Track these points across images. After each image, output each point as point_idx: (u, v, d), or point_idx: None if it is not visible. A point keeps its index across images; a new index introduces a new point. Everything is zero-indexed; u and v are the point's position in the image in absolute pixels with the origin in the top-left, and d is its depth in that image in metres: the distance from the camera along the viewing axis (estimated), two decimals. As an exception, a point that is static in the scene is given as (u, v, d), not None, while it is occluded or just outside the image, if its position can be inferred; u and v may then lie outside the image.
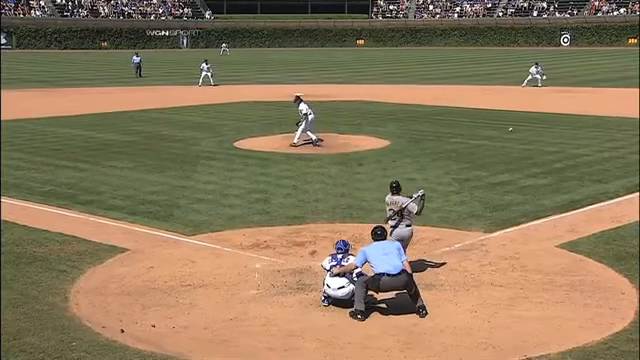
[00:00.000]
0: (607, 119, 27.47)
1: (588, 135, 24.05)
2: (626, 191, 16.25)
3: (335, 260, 10.25)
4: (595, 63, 56.00)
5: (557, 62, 57.52)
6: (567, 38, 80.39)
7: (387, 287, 9.77)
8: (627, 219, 14.02)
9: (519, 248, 12.44)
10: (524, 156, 20.61)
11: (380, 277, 9.69)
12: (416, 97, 35.88)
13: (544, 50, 74.09)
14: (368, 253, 9.95)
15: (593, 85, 39.96)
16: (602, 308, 9.79)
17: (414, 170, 19.01)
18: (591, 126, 25.95)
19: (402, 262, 9.80)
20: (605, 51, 68.60)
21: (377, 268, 9.76)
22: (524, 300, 10.14)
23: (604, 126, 25.83)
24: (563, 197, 15.89)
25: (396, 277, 9.65)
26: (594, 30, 79.07)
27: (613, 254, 11.98)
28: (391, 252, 9.86)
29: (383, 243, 10.07)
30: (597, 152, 21.07)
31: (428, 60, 65.27)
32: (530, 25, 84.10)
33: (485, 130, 25.50)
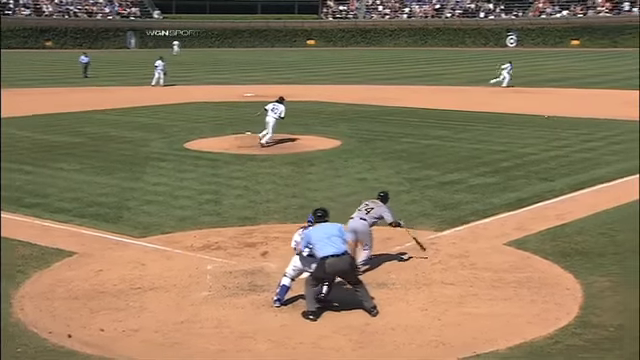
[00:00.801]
0: (557, 119, 28.03)
1: (534, 134, 24.53)
2: (571, 189, 16.62)
3: (303, 234, 10.12)
4: (540, 64, 57.18)
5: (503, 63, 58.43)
6: (513, 39, 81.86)
7: (332, 270, 9.58)
8: (572, 216, 14.33)
9: (469, 246, 12.61)
10: (473, 155, 20.91)
11: (325, 260, 9.56)
12: (367, 97, 36.08)
13: (491, 51, 75.33)
14: (311, 236, 9.79)
15: (538, 85, 40.78)
16: (548, 304, 9.99)
17: (365, 170, 19.11)
18: (537, 125, 26.48)
19: (344, 241, 9.75)
20: (549, 52, 70.11)
21: (320, 252, 9.60)
22: (474, 297, 10.29)
23: (550, 125, 26.38)
24: (511, 195, 16.16)
25: (340, 258, 9.54)
26: (539, 31, 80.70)
27: (558, 251, 12.24)
28: (333, 234, 9.73)
29: (325, 225, 9.92)
30: (543, 151, 21.50)
31: (378, 60, 65.74)
32: (477, 26, 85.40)
33: (435, 130, 25.80)
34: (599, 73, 47.77)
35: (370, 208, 11.55)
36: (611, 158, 20.15)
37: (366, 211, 11.51)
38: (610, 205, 15.11)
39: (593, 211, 14.69)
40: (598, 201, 15.55)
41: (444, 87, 42.00)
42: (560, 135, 24.25)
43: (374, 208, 11.55)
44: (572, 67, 53.08)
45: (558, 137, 23.88)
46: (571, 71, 49.65)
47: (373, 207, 11.57)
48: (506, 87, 39.92)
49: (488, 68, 54.05)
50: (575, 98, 35.42)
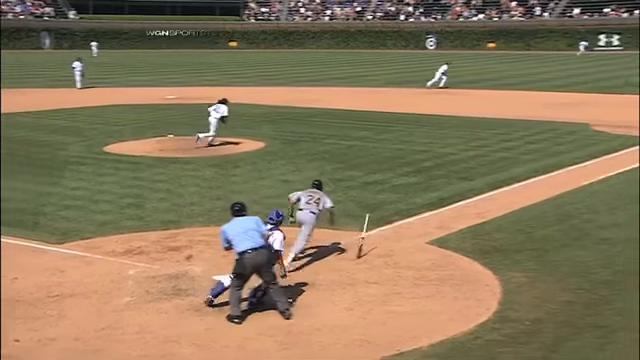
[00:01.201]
0: (471, 119, 28.78)
1: (454, 134, 25.09)
2: (490, 188, 17.07)
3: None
4: (458, 66, 58.53)
5: (423, 65, 59.66)
6: (432, 42, 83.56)
7: (251, 263, 9.46)
8: (491, 214, 14.73)
9: (392, 245, 12.79)
10: (395, 156, 21.22)
11: (243, 255, 9.47)
12: (290, 99, 36.13)
13: (411, 53, 76.71)
14: (227, 231, 9.66)
15: (457, 87, 41.74)
16: (469, 300, 10.24)
17: (289, 171, 19.12)
18: (457, 126, 27.10)
19: (262, 235, 9.68)
20: (467, 54, 71.91)
21: (238, 246, 9.50)
22: (397, 296, 10.44)
23: (469, 126, 27.04)
24: (432, 195, 16.48)
25: (258, 251, 9.48)
26: (457, 34, 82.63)
27: (478, 248, 12.56)
28: (250, 228, 9.63)
29: (242, 219, 9.81)
30: (463, 151, 22.02)
31: (301, 62, 65.92)
32: (398, 29, 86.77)
33: (357, 131, 26.05)
34: (514, 75, 49.29)
35: (317, 199, 11.81)
36: (527, 157, 20.82)
37: (316, 203, 11.77)
38: (526, 203, 15.60)
39: (511, 209, 15.14)
40: (515, 199, 16.04)
41: (366, 88, 42.48)
42: (479, 135, 24.90)
43: (320, 198, 11.86)
44: (489, 69, 54.59)
45: (477, 137, 24.50)
46: (488, 73, 51.06)
47: (319, 197, 11.86)
48: (442, 88, 40.62)
49: (409, 70, 55.10)
50: (492, 99, 36.43)
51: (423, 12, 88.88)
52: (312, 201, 11.82)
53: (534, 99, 35.58)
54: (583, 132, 25.08)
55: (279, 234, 10.20)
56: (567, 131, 25.31)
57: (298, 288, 10.67)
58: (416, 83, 44.13)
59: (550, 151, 21.70)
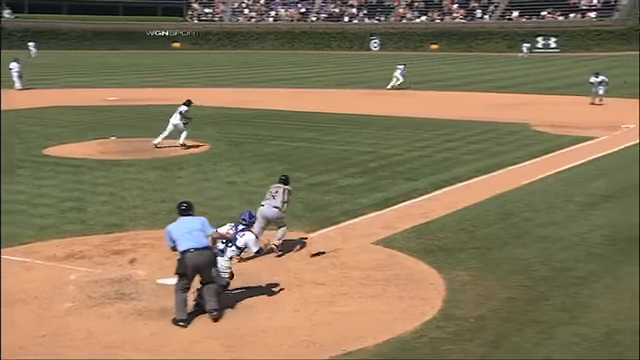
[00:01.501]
0: (415, 120, 29.14)
1: (399, 135, 25.37)
2: (434, 188, 17.34)
3: (234, 229, 10.23)
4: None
5: (367, 66, 60.17)
6: (377, 43, 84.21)
7: (192, 263, 9.44)
8: (435, 214, 14.96)
9: (339, 246, 12.86)
10: (341, 157, 21.34)
11: (184, 254, 9.45)
12: (235, 100, 35.96)
13: (356, 54, 77.22)
14: (172, 231, 9.65)
15: (402, 88, 42.16)
16: (414, 299, 10.38)
17: (235, 173, 19.05)
18: (401, 127, 27.40)
19: (207, 236, 9.69)
20: (411, 55, 72.75)
21: (181, 246, 9.50)
22: (344, 296, 10.51)
23: (412, 127, 27.37)
24: (378, 195, 16.64)
25: (200, 252, 9.45)
26: (400, 36, 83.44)
27: (423, 248, 12.74)
28: (195, 228, 9.63)
29: (187, 219, 9.80)
30: (407, 152, 22.29)
31: (246, 63, 65.68)
32: (342, 30, 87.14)
33: (303, 132, 26.11)
34: (457, 76, 50.09)
35: (275, 192, 12.48)
36: (469, 157, 21.21)
37: (272, 197, 12.40)
38: (469, 202, 15.90)
39: (454, 208, 15.40)
40: (458, 199, 16.32)
41: (311, 90, 42.59)
42: (422, 136, 25.23)
43: (278, 191, 12.51)
44: (432, 70, 55.34)
45: (420, 138, 24.83)
46: (432, 74, 51.76)
47: (277, 190, 12.52)
48: (401, 88, 40.97)
49: (354, 71, 55.43)
50: (436, 100, 36.96)
51: (367, 14, 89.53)
52: (270, 195, 12.45)
53: (476, 100, 36.25)
54: (523, 132, 25.67)
55: (251, 235, 10.34)
56: (508, 131, 25.87)
57: (243, 290, 10.65)
58: (361, 84, 44.45)
59: (491, 151, 22.15)
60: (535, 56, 67.58)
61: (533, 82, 43.77)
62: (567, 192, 16.80)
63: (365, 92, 40.63)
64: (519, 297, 10.44)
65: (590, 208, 15.37)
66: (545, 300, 10.33)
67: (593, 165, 19.84)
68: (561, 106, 32.82)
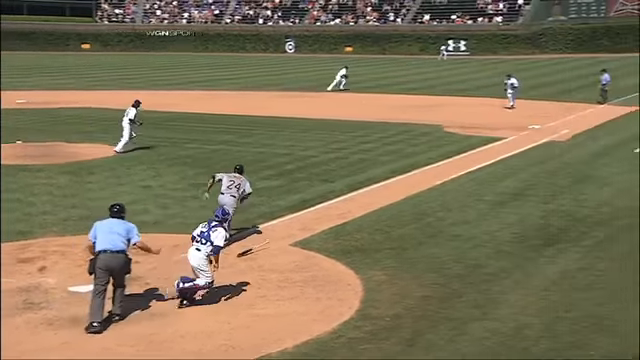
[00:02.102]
0: (331, 122, 29.38)
1: (315, 137, 25.53)
2: (350, 189, 17.53)
3: (207, 227, 10.37)
4: (317, 69, 59.58)
5: (283, 68, 60.29)
6: (292, 45, 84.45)
7: (103, 265, 9.46)
8: (352, 215, 15.14)
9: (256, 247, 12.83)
10: (258, 159, 21.30)
11: (98, 255, 9.52)
12: (149, 103, 35.12)
13: (271, 57, 77.17)
14: (97, 227, 9.76)
15: (316, 90, 42.48)
16: (332, 300, 10.48)
17: (149, 177, 18.72)
18: (317, 129, 27.58)
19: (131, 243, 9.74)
20: (326, 58, 73.30)
21: (98, 246, 9.58)
22: (262, 299, 10.50)
23: (328, 128, 27.59)
24: (295, 197, 16.70)
25: (114, 255, 9.50)
26: (315, 38, 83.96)
27: (340, 249, 12.87)
28: (117, 231, 9.68)
29: (114, 221, 9.87)
30: (323, 153, 22.46)
31: (160, 65, 64.62)
32: (257, 32, 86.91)
33: (220, 135, 25.91)
34: (372, 78, 50.78)
35: (238, 184, 13.22)
36: (385, 158, 21.56)
37: (236, 188, 13.15)
38: (385, 203, 16.17)
39: (370, 209, 15.63)
40: (374, 200, 16.57)
41: (227, 92, 42.29)
42: (338, 138, 25.47)
43: (240, 183, 13.26)
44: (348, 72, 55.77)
45: (336, 140, 25.05)
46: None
47: (239, 182, 13.28)
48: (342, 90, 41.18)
49: (269, 73, 55.38)
50: (351, 102, 37.34)
51: (281, 16, 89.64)
52: (233, 186, 13.20)
53: (390, 102, 36.85)
54: (436, 133, 26.28)
55: (222, 231, 10.42)
56: (421, 132, 26.44)
57: (160, 295, 10.49)
58: (277, 86, 44.49)
59: (406, 152, 22.58)
60: (447, 59, 69.28)
61: (444, 84, 44.86)
62: (478, 191, 17.31)
63: (281, 94, 40.67)
64: (433, 295, 10.69)
65: (500, 207, 15.89)
66: (458, 297, 10.62)
67: (502, 165, 20.52)
68: (471, 107, 33.77)
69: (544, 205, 15.87)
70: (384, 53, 77.62)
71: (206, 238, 10.30)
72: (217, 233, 10.35)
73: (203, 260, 10.24)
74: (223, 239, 10.40)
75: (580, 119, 29.18)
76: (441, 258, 12.38)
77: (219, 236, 10.35)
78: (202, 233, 10.36)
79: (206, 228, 10.42)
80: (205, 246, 10.27)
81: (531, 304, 10.36)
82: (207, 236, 10.31)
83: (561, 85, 41.75)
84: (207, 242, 10.28)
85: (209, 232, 10.34)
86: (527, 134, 25.66)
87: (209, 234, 10.32)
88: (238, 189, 13.15)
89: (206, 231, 10.36)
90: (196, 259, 10.22)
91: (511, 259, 12.34)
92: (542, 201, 16.23)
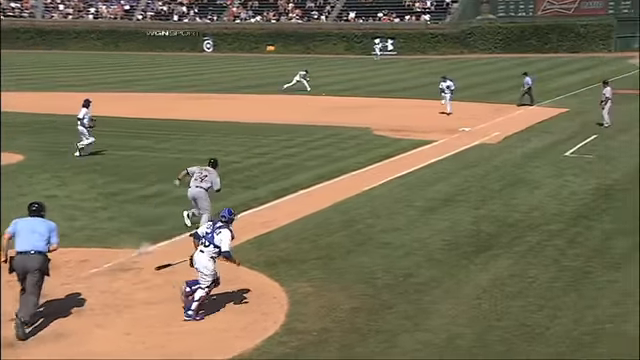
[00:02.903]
0: (253, 125, 29.34)
1: (236, 142, 25.45)
2: (274, 196, 17.57)
3: (211, 229, 10.58)
4: (237, 69, 59.44)
5: (200, 68, 59.83)
6: (210, 44, 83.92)
7: (19, 266, 9.62)
8: (276, 224, 15.17)
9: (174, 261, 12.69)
10: (176, 165, 20.95)
11: (15, 256, 9.64)
12: (52, 106, 34.41)
13: (188, 56, 76.46)
14: (17, 226, 9.86)
15: (236, 92, 42.35)
16: (255, 314, 10.48)
17: (54, 186, 18.28)
18: (239, 133, 27.49)
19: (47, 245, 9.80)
20: (247, 57, 73.18)
21: (16, 245, 9.69)
22: (179, 315, 10.40)
23: (250, 132, 27.54)
24: (216, 205, 16.54)
25: (30, 256, 9.60)
26: (235, 37, 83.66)
27: (265, 260, 12.89)
28: (38, 231, 9.79)
29: (35, 220, 9.98)
30: (245, 159, 22.41)
31: (63, 65, 63.10)
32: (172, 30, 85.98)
33: (133, 140, 25.52)
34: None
35: (204, 175, 14.30)
36: (311, 163, 21.69)
37: (201, 179, 14.26)
38: (311, 210, 16.27)
39: (296, 217, 15.70)
40: (300, 207, 16.65)
41: (139, 94, 41.67)
42: (261, 142, 25.47)
43: (207, 175, 14.34)
44: (270, 73, 55.93)
45: (259, 144, 25.05)
46: (269, 77, 52.31)
47: (207, 174, 14.36)
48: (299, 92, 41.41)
49: (186, 73, 54.85)
50: (274, 104, 37.40)
51: (198, 12, 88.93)
52: (199, 177, 14.38)
53: (316, 103, 37.10)
54: (365, 136, 26.62)
55: (227, 233, 10.55)
56: (349, 136, 26.73)
57: (68, 314, 10.26)
58: (195, 88, 44.12)
59: (333, 156, 22.78)
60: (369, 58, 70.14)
61: (371, 85, 45.46)
62: (408, 197, 17.63)
63: (200, 96, 40.34)
64: (362, 307, 10.83)
65: (430, 212, 16.23)
66: (388, 308, 10.79)
67: (432, 169, 20.96)
68: (400, 109, 34.34)
69: (475, 210, 16.30)
70: (308, 52, 78.05)
71: (210, 240, 10.51)
72: (222, 236, 10.49)
73: (207, 262, 10.46)
74: (229, 242, 10.55)
75: (510, 121, 30.09)
76: (370, 267, 12.54)
77: (225, 239, 10.48)
78: (206, 235, 10.58)
79: (210, 229, 10.61)
80: (209, 248, 10.46)
81: (462, 313, 10.63)
82: (211, 238, 10.52)
83: (490, 86, 42.96)
84: (210, 244, 10.48)
85: (213, 234, 10.53)
86: (458, 137, 26.28)
87: (213, 236, 10.52)
88: (205, 181, 14.30)
89: (210, 232, 10.56)
90: (201, 262, 10.48)
91: (442, 267, 12.62)
92: (473, 206, 16.66)
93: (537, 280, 11.97)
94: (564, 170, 20.40)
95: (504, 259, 13.04)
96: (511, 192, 18.00)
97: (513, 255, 13.25)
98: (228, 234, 10.56)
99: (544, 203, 16.94)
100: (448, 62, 62.18)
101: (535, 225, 15.12)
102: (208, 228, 10.69)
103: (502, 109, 33.16)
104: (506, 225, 15.14)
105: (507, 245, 13.82)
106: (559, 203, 16.90)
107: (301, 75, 42.93)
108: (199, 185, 14.24)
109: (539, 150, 23.63)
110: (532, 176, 19.80)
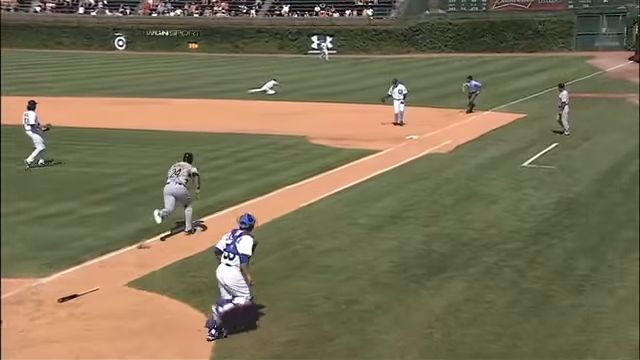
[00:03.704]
0: (175, 134, 29.10)
1: (156, 153, 25.20)
2: (198, 214, 17.39)
3: (231, 238, 11.09)
4: (155, 70, 58.97)
5: (112, 68, 59.14)
6: (122, 41, 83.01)
7: None
8: (201, 246, 15.05)
9: (81, 291, 12.49)
10: (82, 181, 20.77)
11: None
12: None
13: (96, 54, 75.48)
14: None
15: (154, 95, 41.98)
16: (177, 348, 10.38)
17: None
18: (158, 142, 27.23)
19: None
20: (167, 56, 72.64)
21: None
22: (89, 353, 10.23)
23: (172, 142, 27.27)
24: (132, 226, 16.43)
25: None
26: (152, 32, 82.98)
27: (187, 287, 12.79)
28: None
29: None
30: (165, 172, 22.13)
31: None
32: (77, 24, 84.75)
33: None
34: (223, 80, 50.87)
35: (179, 169, 15.89)
36: (241, 177, 21.64)
37: (176, 174, 15.79)
38: (240, 230, 16.18)
39: (223, 238, 15.60)
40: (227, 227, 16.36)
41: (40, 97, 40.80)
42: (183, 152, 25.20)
43: (182, 169, 15.91)
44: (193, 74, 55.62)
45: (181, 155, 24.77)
46: (192, 79, 52.05)
47: (180, 168, 15.96)
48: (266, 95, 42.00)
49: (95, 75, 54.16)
50: (198, 109, 37.19)
51: (108, 4, 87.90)
52: (174, 172, 15.89)
53: (246, 108, 37.05)
54: (301, 146, 26.70)
55: (249, 239, 11.13)
56: (283, 145, 26.76)
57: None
58: (105, 91, 43.58)
59: (266, 169, 22.78)
60: (312, 57, 70.55)
61: (308, 88, 45.66)
62: (351, 214, 17.73)
63: (112, 101, 39.85)
64: (301, 339, 10.83)
65: (376, 231, 16.36)
66: (329, 340, 10.82)
67: (377, 182, 21.14)
68: (340, 115, 34.56)
69: (425, 228, 16.50)
70: (237, 51, 77.97)
71: (233, 251, 11.04)
72: (243, 242, 11.04)
73: (238, 275, 10.93)
74: (251, 247, 11.08)
75: (462, 128, 30.61)
76: (309, 294, 12.56)
77: (246, 244, 11.04)
78: (228, 246, 11.09)
79: (231, 240, 11.14)
80: (234, 260, 10.99)
81: (412, 345, 10.73)
82: (234, 249, 11.05)
83: (440, 89, 43.63)
84: (235, 255, 10.99)
85: (234, 244, 11.06)
86: (405, 145, 26.60)
87: (235, 246, 11.04)
88: (181, 175, 15.83)
89: (231, 243, 11.10)
90: (230, 276, 10.96)
91: (390, 292, 12.72)
92: (423, 224, 16.86)
93: (494, 305, 12.17)
94: (522, 182, 20.83)
95: (458, 282, 13.22)
96: (465, 207, 18.28)
97: (468, 278, 13.45)
98: (250, 240, 11.14)
99: (501, 219, 17.26)
100: (393, 62, 62.97)
101: (492, 244, 15.39)
102: (228, 239, 11.20)
103: (453, 114, 33.71)
104: (460, 244, 15.37)
105: (461, 266, 14.02)
106: (517, 219, 17.24)
107: (269, 86, 43.28)
108: (179, 182, 15.76)
109: (495, 160, 24.09)
110: (487, 189, 20.16)
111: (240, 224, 11.39)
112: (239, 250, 11.03)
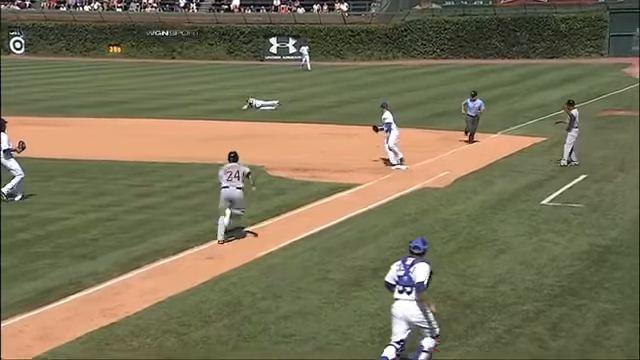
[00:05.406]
0: (91, 163, 28.95)
1: (65, 189, 25.05)
2: (122, 269, 17.36)
3: (403, 268, 12.04)
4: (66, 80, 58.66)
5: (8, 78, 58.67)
6: (20, 42, 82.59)
7: None
8: (125, 310, 14.97)
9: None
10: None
11: None
12: None
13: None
14: None
15: (65, 114, 41.77)
16: None
17: None
18: (67, 175, 27.07)
19: None
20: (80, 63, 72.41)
21: None
22: None
23: (86, 174, 27.16)
24: (31, 285, 16.28)
25: None
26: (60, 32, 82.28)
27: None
28: None
29: None
30: (78, 213, 22.09)
31: None
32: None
33: None
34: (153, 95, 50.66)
35: (236, 172, 19.05)
36: (177, 219, 21.56)
37: (236, 177, 19.01)
38: (177, 289, 16.11)
39: (155, 300, 15.54)
40: (162, 284, 16.48)
41: None
42: (102, 188, 25.15)
43: (238, 171, 19.07)
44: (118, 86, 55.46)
45: (100, 192, 24.74)
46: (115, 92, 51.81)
47: (237, 170, 19.09)
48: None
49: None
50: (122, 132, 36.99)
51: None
52: (232, 176, 19.02)
53: (184, 131, 36.92)
54: (257, 179, 26.50)
55: (424, 265, 12.08)
56: (232, 179, 26.66)
57: None
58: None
59: (210, 208, 22.63)
60: (289, 65, 70.30)
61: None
62: (321, 266, 17.72)
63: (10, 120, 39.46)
64: None
65: (355, 288, 16.32)
66: None
67: (354, 225, 21.15)
68: (306, 139, 34.62)
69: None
70: (172, 57, 77.93)
71: (409, 284, 11.96)
72: (417, 270, 11.94)
73: (423, 310, 11.91)
74: (427, 274, 11.96)
75: (464, 155, 30.75)
76: (264, 373, 12.52)
77: (421, 272, 11.91)
78: (400, 278, 12.01)
79: (403, 270, 12.05)
80: (412, 294, 11.91)
81: None
82: (408, 281, 11.98)
83: (435, 105, 43.86)
84: (412, 288, 11.91)
85: (408, 274, 11.98)
86: (389, 178, 26.65)
87: (410, 277, 11.95)
88: (239, 178, 19.02)
89: (404, 274, 12.00)
90: (416, 313, 11.93)
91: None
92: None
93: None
94: (541, 225, 20.90)
95: (459, 354, 13.21)
96: (467, 257, 18.32)
97: (472, 349, 13.45)
98: (426, 266, 12.01)
99: (514, 273, 17.29)
100: (375, 71, 63.27)
101: (503, 305, 15.40)
102: (399, 270, 12.12)
103: (451, 138, 33.86)
104: (461, 305, 15.38)
105: (463, 335, 14.03)
106: (535, 273, 17.29)
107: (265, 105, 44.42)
108: (239, 186, 19.11)
109: (505, 197, 24.19)
110: (496, 235, 20.22)
111: (412, 249, 12.26)
112: (415, 281, 11.84)
